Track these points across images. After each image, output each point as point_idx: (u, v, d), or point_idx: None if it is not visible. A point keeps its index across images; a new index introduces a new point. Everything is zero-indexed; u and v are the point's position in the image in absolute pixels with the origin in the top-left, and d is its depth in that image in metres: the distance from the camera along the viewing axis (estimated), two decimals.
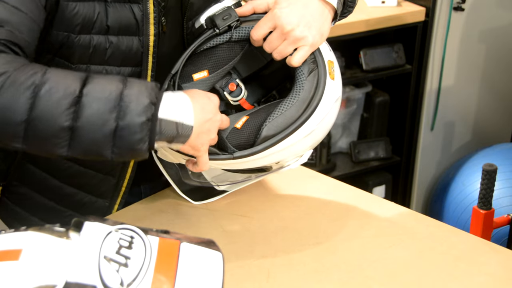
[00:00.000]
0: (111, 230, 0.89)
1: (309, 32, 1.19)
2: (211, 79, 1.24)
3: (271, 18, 1.19)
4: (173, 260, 0.90)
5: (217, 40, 1.24)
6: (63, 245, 0.86)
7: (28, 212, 1.37)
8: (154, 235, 0.93)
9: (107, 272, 0.84)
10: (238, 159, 1.18)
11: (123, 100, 1.03)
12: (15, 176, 1.35)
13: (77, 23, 1.16)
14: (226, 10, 1.24)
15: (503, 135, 3.06)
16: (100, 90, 1.03)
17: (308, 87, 1.18)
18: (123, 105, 1.02)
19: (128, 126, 1.02)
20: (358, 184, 1.60)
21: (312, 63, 1.20)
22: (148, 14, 1.20)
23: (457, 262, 1.21)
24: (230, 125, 1.19)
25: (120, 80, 1.06)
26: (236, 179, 1.32)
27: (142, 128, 1.03)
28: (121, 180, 1.33)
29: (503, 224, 2.01)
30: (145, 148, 1.04)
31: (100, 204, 1.34)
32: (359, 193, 1.42)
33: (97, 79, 1.05)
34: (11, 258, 0.84)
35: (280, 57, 1.20)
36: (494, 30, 2.85)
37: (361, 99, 2.82)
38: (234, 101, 1.28)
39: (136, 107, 1.02)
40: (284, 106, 1.17)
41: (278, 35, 1.19)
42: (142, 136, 1.03)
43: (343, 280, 1.16)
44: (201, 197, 1.35)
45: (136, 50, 1.22)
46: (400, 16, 2.61)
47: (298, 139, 1.18)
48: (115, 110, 1.02)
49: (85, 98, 1.02)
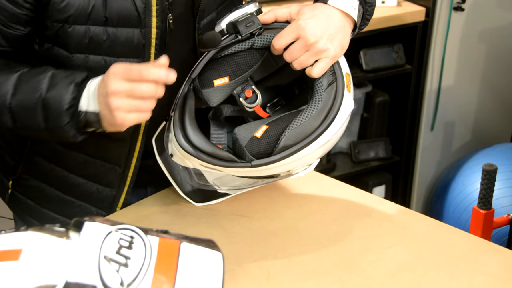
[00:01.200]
0: (111, 230, 0.89)
1: (332, 45, 1.20)
2: (231, 86, 1.24)
3: (295, 29, 1.19)
4: (173, 260, 0.90)
5: (239, 46, 1.23)
6: (63, 245, 0.86)
7: (38, 204, 1.40)
8: (154, 235, 0.93)
9: (107, 272, 0.84)
10: (255, 168, 1.19)
11: (45, 107, 1.17)
12: (24, 170, 1.39)
13: (68, 14, 1.18)
14: (249, 17, 1.23)
15: (503, 135, 3.06)
16: (25, 100, 1.17)
17: (326, 98, 1.19)
18: (47, 107, 1.16)
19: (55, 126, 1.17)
20: (358, 184, 1.60)
21: (331, 75, 1.21)
22: (150, 6, 1.20)
23: (457, 262, 1.21)
24: (249, 133, 1.19)
25: (46, 83, 1.17)
26: (243, 184, 1.32)
27: (68, 116, 1.16)
28: (126, 169, 1.34)
29: (503, 224, 2.01)
30: (73, 133, 1.17)
31: (108, 193, 1.36)
32: (359, 193, 1.42)
33: (25, 85, 1.18)
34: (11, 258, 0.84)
35: (300, 67, 1.21)
36: (494, 30, 2.85)
37: (361, 99, 2.82)
38: (249, 107, 1.28)
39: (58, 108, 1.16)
40: (303, 117, 1.18)
41: (301, 46, 1.19)
42: (69, 121, 1.16)
43: (343, 280, 1.16)
44: (202, 199, 1.35)
45: (137, 42, 1.22)
46: (400, 16, 2.61)
47: (313, 149, 1.20)
48: (42, 114, 1.17)
49: (14, 108, 1.18)
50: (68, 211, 1.37)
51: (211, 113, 1.34)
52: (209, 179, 1.32)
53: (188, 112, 1.21)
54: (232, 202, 1.36)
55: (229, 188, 1.33)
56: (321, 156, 1.26)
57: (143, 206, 1.37)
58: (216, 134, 1.34)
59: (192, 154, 1.19)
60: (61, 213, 1.38)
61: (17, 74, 1.19)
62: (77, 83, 1.16)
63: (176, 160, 1.25)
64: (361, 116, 2.85)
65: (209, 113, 1.34)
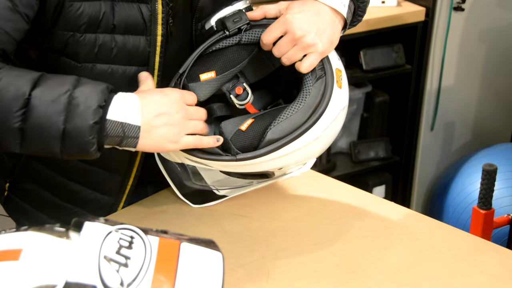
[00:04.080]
0: (111, 230, 0.89)
1: (320, 40, 1.19)
2: (218, 81, 1.24)
3: (283, 23, 1.20)
4: (173, 260, 0.90)
5: (227, 42, 1.24)
6: (63, 245, 0.86)
7: (34, 208, 1.39)
8: (154, 235, 0.93)
9: (107, 272, 0.84)
10: (240, 161, 1.18)
11: (71, 103, 1.05)
12: (21, 173, 1.37)
13: (82, 23, 1.16)
14: (237, 13, 1.24)
15: (503, 135, 3.06)
16: (49, 92, 1.05)
17: (315, 93, 1.18)
18: (71, 108, 1.04)
19: (76, 129, 1.05)
20: (358, 184, 1.60)
21: (320, 70, 1.20)
22: (157, 14, 1.20)
23: (457, 262, 1.21)
24: (234, 127, 1.19)
25: (72, 82, 1.07)
26: (238, 184, 1.32)
27: (90, 131, 1.05)
28: (126, 178, 1.33)
29: (503, 224, 2.02)
30: (94, 149, 1.07)
31: (106, 201, 1.35)
32: (359, 193, 1.42)
33: (49, 80, 1.06)
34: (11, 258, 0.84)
35: (288, 62, 1.21)
36: (494, 30, 2.85)
37: (361, 99, 2.82)
38: (240, 104, 1.28)
39: (84, 111, 1.04)
40: (290, 111, 1.17)
41: (288, 40, 1.19)
42: (90, 138, 1.05)
43: (343, 280, 1.16)
44: (200, 201, 1.35)
45: (143, 50, 1.22)
46: (400, 16, 2.61)
47: (302, 145, 1.18)
48: (63, 113, 1.04)
49: (34, 100, 1.04)
50: (64, 217, 1.35)
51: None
52: (208, 181, 1.32)
53: None
54: (232, 202, 1.36)
55: (227, 189, 1.33)
56: (316, 155, 1.25)
57: (143, 206, 1.37)
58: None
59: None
60: (56, 218, 1.36)
61: (38, 73, 1.09)
62: (108, 87, 1.09)
63: (163, 155, 1.25)
64: (361, 116, 2.85)
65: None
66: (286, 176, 1.29)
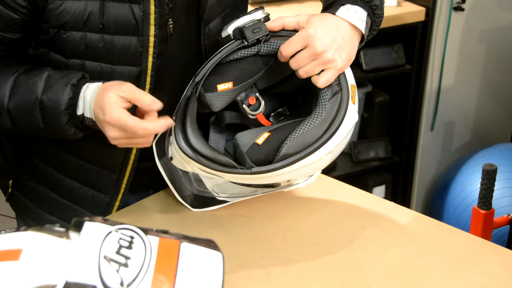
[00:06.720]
0: (111, 230, 0.89)
1: (339, 56, 1.20)
2: (235, 92, 1.23)
3: (305, 37, 1.19)
4: (173, 260, 0.90)
5: (245, 52, 1.22)
6: (63, 245, 0.86)
7: (35, 205, 1.41)
8: (154, 235, 0.93)
9: (107, 272, 0.84)
10: (255, 175, 1.18)
11: (43, 108, 1.18)
12: (22, 170, 1.40)
13: (64, 21, 1.18)
14: (256, 23, 1.22)
15: (503, 135, 3.06)
16: (22, 102, 1.18)
17: (330, 109, 1.19)
18: (44, 109, 1.17)
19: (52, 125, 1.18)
20: (358, 184, 1.60)
21: (337, 85, 1.20)
22: (149, 14, 1.20)
23: (457, 262, 1.21)
24: (250, 140, 1.19)
25: (42, 85, 1.18)
26: (243, 193, 1.32)
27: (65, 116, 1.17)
28: (121, 176, 1.34)
29: (503, 224, 2.01)
30: (73, 131, 1.18)
31: (102, 199, 1.36)
32: (359, 193, 1.42)
33: (21, 87, 1.18)
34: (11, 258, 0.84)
35: (305, 76, 1.20)
36: (494, 30, 2.85)
37: (361, 99, 2.82)
38: (252, 115, 1.28)
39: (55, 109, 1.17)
40: (305, 126, 1.18)
41: (308, 55, 1.19)
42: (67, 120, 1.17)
43: (343, 280, 1.16)
44: (200, 205, 1.35)
45: (134, 50, 1.22)
46: (400, 16, 2.61)
47: (315, 160, 1.19)
48: (40, 116, 1.18)
49: (13, 111, 1.19)
50: (63, 214, 1.37)
51: (213, 118, 1.34)
52: (208, 185, 1.32)
53: (189, 116, 1.20)
54: (232, 202, 1.36)
55: (228, 195, 1.33)
56: (322, 168, 1.25)
57: (143, 206, 1.37)
58: (214, 138, 1.33)
59: (192, 157, 1.18)
60: (56, 216, 1.38)
61: (13, 76, 1.19)
62: (73, 84, 1.17)
63: (175, 163, 1.25)
64: (361, 116, 2.85)
65: (211, 118, 1.34)
66: (293, 187, 1.29)
